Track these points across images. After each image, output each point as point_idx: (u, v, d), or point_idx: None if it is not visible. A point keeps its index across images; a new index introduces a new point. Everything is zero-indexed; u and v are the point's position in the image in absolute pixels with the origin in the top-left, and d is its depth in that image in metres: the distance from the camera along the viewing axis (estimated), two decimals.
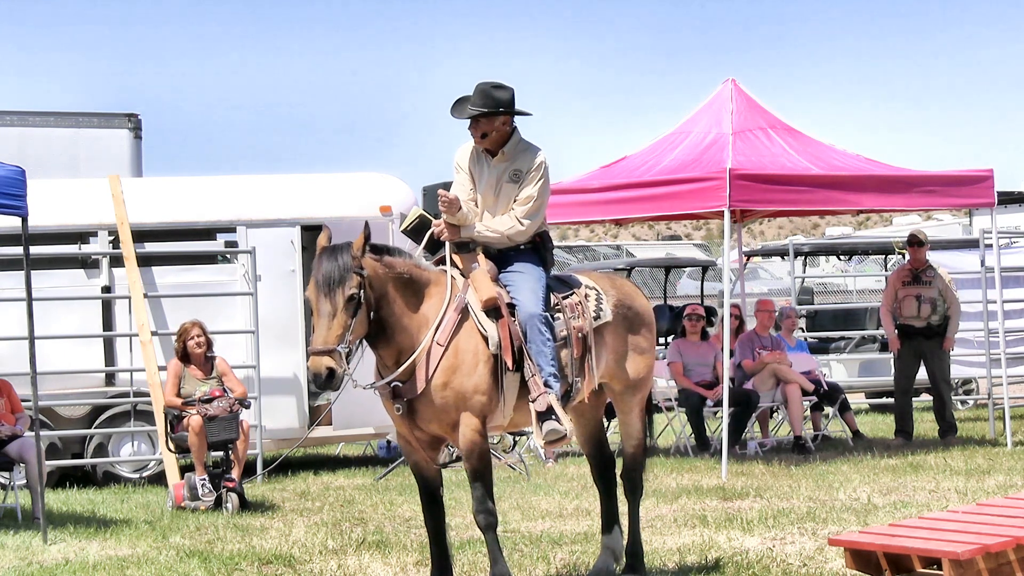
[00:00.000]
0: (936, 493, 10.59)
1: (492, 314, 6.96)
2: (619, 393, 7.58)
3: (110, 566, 8.55)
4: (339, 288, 6.58)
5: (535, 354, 6.97)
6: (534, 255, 7.28)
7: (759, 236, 55.26)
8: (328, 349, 6.52)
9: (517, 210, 7.18)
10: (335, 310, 6.58)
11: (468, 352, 6.86)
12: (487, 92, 7.10)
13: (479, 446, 6.90)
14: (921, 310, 14.15)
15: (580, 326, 7.22)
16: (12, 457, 10.75)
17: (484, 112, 7.09)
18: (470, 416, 6.85)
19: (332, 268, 6.62)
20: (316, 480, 12.95)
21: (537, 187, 7.17)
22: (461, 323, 6.90)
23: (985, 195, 13.56)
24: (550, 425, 6.93)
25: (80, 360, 13.08)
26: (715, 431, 14.08)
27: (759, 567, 7.81)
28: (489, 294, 6.96)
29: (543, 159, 7.22)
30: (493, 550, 7.00)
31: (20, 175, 9.54)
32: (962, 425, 15.31)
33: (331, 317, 6.57)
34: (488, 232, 7.19)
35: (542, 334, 6.99)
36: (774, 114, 13.83)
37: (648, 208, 13.35)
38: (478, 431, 6.88)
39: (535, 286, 7.13)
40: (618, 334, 7.43)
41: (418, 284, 6.92)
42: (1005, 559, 6.68)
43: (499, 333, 6.91)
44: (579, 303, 7.29)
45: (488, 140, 7.19)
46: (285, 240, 13.52)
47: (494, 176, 7.23)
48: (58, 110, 16.05)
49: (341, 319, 6.57)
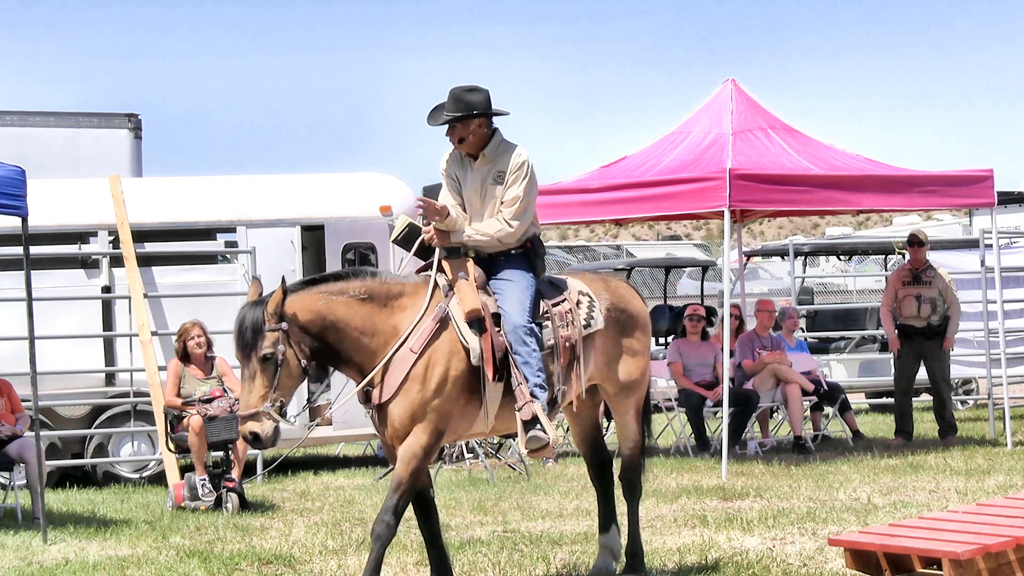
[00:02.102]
0: (936, 493, 10.59)
1: (475, 326, 6.87)
2: (613, 395, 7.56)
3: (110, 566, 8.55)
4: (252, 351, 6.55)
5: (520, 364, 6.89)
6: (523, 261, 7.19)
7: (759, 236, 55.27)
8: (250, 413, 6.52)
9: (504, 212, 7.10)
10: (254, 372, 6.56)
11: (439, 365, 6.76)
12: (460, 97, 7.03)
13: (420, 461, 6.74)
14: (921, 310, 14.15)
15: (568, 335, 7.14)
16: (12, 457, 10.75)
17: (458, 117, 7.02)
18: (421, 430, 6.72)
19: (244, 329, 6.57)
20: (316, 480, 12.95)
21: (522, 186, 7.09)
22: (440, 332, 6.81)
23: (985, 195, 13.56)
24: (532, 434, 6.87)
25: (80, 360, 13.08)
26: (715, 431, 14.07)
27: (759, 567, 7.80)
28: (472, 306, 6.87)
29: (525, 157, 7.13)
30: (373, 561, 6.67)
31: (20, 175, 9.53)
32: (962, 425, 15.31)
33: (251, 379, 6.57)
34: (477, 236, 7.10)
35: (527, 344, 6.91)
36: (774, 114, 13.83)
37: (648, 208, 13.35)
38: (425, 448, 6.73)
39: (522, 296, 7.03)
40: (609, 338, 7.37)
41: (383, 298, 6.82)
42: (1005, 559, 6.68)
43: (481, 346, 6.83)
44: (569, 311, 7.21)
45: (467, 144, 7.12)
46: (285, 240, 13.52)
47: (478, 180, 7.17)
48: (58, 110, 16.04)
49: (260, 380, 6.55)
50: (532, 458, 7.29)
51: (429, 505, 7.11)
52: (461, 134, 7.09)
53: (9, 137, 15.07)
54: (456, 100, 7.02)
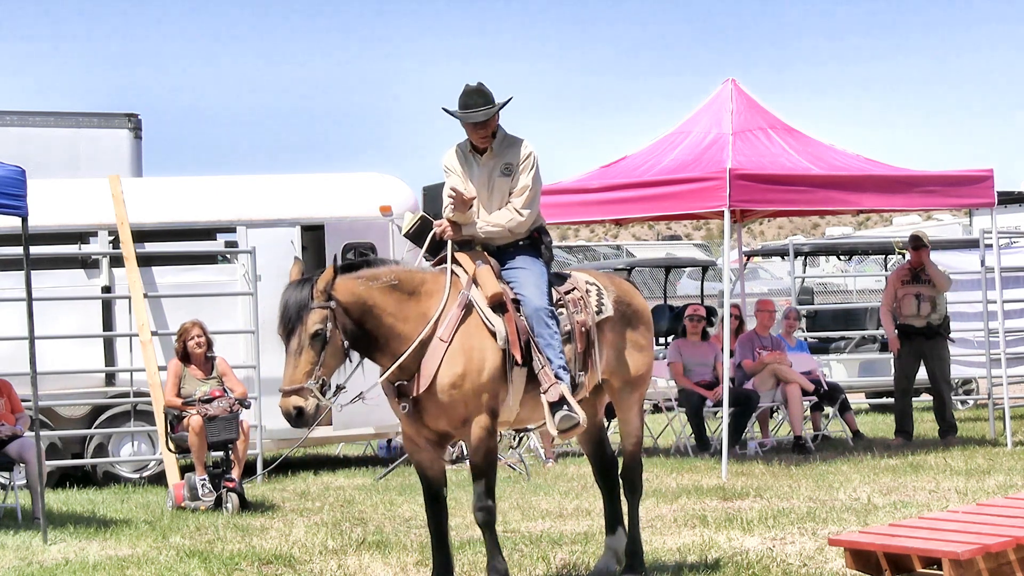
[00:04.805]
0: (936, 493, 10.59)
1: (498, 309, 6.99)
2: (618, 390, 7.59)
3: (110, 566, 8.55)
4: (301, 325, 6.58)
5: (544, 347, 7.01)
6: (533, 250, 7.33)
7: (759, 236, 55.26)
8: (295, 388, 6.53)
9: (515, 201, 7.26)
10: (300, 347, 6.58)
11: (474, 348, 6.87)
12: (482, 92, 7.18)
13: (487, 443, 6.92)
14: (921, 308, 14.15)
15: (583, 320, 7.27)
16: (12, 457, 10.75)
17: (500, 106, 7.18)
18: (481, 413, 6.87)
19: (293, 305, 6.61)
20: (316, 480, 12.95)
21: (530, 176, 7.26)
22: (465, 319, 6.91)
23: (985, 195, 13.56)
24: (562, 414, 6.97)
25: (80, 360, 13.08)
26: (715, 431, 14.07)
27: (759, 567, 7.80)
28: (495, 290, 7.00)
29: (532, 148, 7.32)
30: (491, 547, 7.03)
31: (20, 175, 9.54)
32: (962, 425, 15.31)
33: (297, 354, 6.59)
34: (489, 227, 7.25)
35: (549, 327, 7.04)
36: (774, 114, 13.83)
37: (648, 208, 13.35)
38: (487, 428, 6.91)
39: (538, 280, 7.18)
40: (618, 330, 7.47)
41: (409, 286, 6.92)
42: (1005, 559, 6.68)
43: (506, 328, 6.94)
44: (581, 298, 7.34)
45: (488, 137, 7.27)
46: (285, 240, 13.52)
47: (484, 173, 7.30)
48: (58, 110, 16.05)
49: (307, 356, 6.57)
50: (563, 439, 7.38)
51: (441, 503, 7.14)
52: (492, 127, 7.25)
53: (9, 137, 15.06)
54: (481, 95, 7.17)
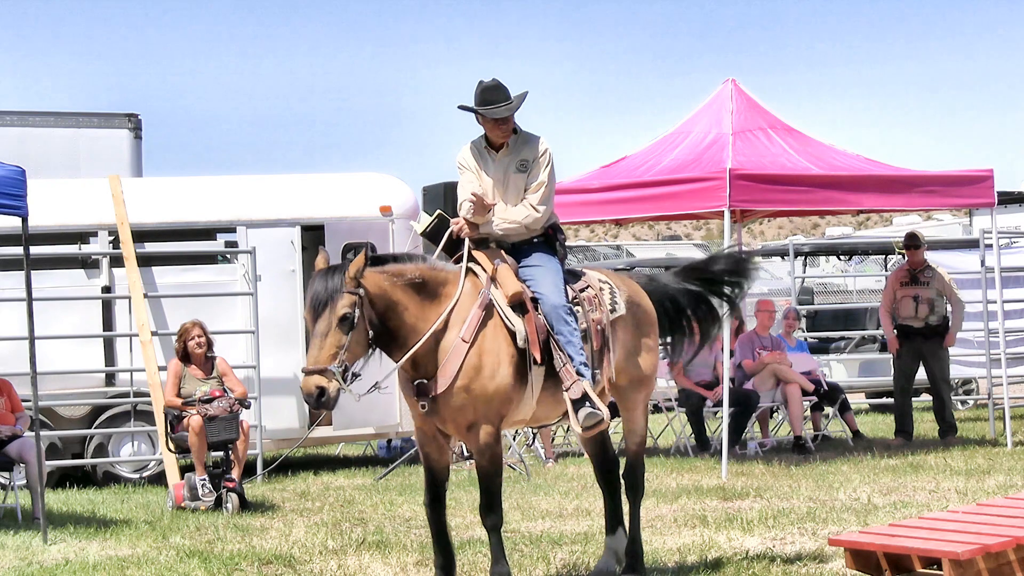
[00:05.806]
0: (936, 493, 10.59)
1: (518, 309, 7.00)
2: (624, 389, 7.58)
3: (110, 566, 8.55)
4: (330, 308, 6.59)
5: (564, 344, 7.02)
6: (548, 247, 7.37)
7: (759, 236, 55.26)
8: (319, 368, 6.53)
9: (530, 197, 7.29)
10: (328, 330, 6.59)
11: (492, 352, 6.88)
12: (500, 88, 7.20)
13: (492, 449, 6.93)
14: (918, 311, 14.15)
15: (598, 319, 7.29)
16: (12, 457, 10.75)
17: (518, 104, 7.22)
18: (487, 420, 6.88)
19: (324, 288, 6.63)
20: (316, 480, 12.95)
21: (547, 172, 7.31)
22: (486, 320, 6.92)
23: (985, 195, 13.56)
24: (586, 411, 6.98)
25: (80, 360, 13.08)
26: (715, 431, 14.08)
27: (759, 567, 7.80)
28: (515, 289, 7.01)
29: (547, 145, 7.37)
30: (496, 551, 7.03)
31: (20, 175, 9.54)
32: (962, 425, 15.31)
33: (323, 337, 6.58)
34: (506, 224, 7.27)
35: (568, 324, 7.05)
36: (774, 114, 13.82)
37: (648, 208, 13.35)
38: (492, 435, 6.91)
39: (555, 278, 7.20)
40: (629, 329, 7.49)
41: (432, 285, 6.93)
42: (1005, 559, 6.68)
43: (526, 328, 6.94)
44: (595, 296, 7.36)
45: (509, 133, 7.30)
46: (285, 240, 13.53)
47: (500, 170, 7.32)
48: (58, 110, 16.05)
49: (333, 338, 6.58)
50: (587, 436, 7.35)
51: (440, 501, 7.15)
52: (512, 123, 7.29)
53: (9, 137, 15.06)
54: (500, 91, 7.19)
